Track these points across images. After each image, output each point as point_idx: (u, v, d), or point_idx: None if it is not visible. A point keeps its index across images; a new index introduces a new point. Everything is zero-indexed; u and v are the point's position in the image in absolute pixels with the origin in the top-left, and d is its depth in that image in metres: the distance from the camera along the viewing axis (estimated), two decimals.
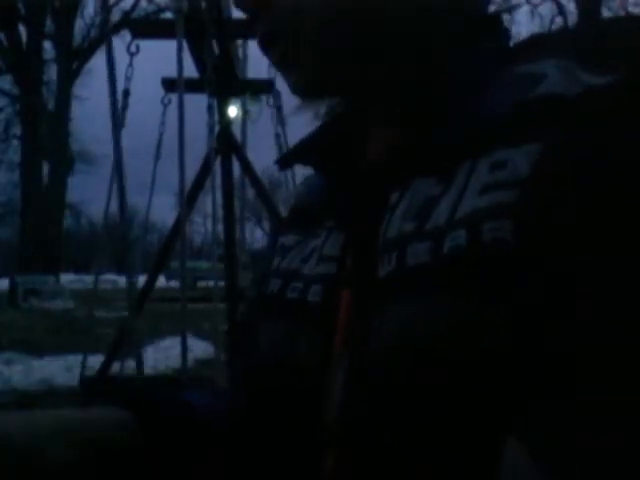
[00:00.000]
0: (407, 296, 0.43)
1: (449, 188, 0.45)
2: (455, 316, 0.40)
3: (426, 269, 0.43)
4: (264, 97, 5.45)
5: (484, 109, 0.45)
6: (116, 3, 22.61)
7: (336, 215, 0.56)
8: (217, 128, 4.79)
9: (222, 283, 5.79)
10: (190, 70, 4.63)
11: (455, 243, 0.42)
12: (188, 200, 4.66)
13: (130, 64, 4.23)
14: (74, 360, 6.90)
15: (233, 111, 5.29)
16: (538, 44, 0.48)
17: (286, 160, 0.60)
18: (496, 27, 0.53)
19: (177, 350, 8.16)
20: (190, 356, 7.78)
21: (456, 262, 0.41)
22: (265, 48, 0.52)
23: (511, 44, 0.53)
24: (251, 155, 5.57)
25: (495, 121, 0.44)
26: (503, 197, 0.41)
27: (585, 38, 0.46)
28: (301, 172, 0.69)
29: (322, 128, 0.60)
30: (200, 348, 7.60)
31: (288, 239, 0.62)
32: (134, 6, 22.33)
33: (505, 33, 0.54)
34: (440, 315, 0.40)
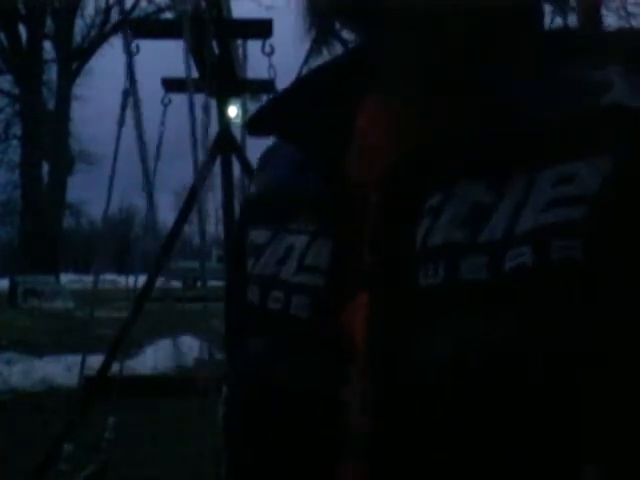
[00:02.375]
0: (463, 312, 0.39)
1: (502, 198, 0.41)
2: (522, 336, 0.37)
3: (485, 286, 0.39)
4: (264, 97, 5.44)
5: (539, 114, 0.41)
6: (116, 3, 22.66)
7: (325, 216, 0.49)
8: (213, 128, 4.79)
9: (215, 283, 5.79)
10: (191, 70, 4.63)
11: (520, 261, 0.38)
12: (188, 200, 4.66)
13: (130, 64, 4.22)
14: (74, 360, 6.90)
15: (233, 111, 5.28)
16: (599, 47, 0.44)
17: (258, 126, 0.52)
18: (535, 15, 0.48)
19: (176, 350, 8.16)
20: (189, 356, 7.81)
21: (521, 281, 0.38)
22: None
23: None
24: (251, 155, 5.56)
25: (556, 130, 0.40)
26: (571, 214, 0.38)
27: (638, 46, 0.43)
28: None
29: (296, 89, 0.52)
30: (199, 348, 7.60)
31: (260, 235, 0.53)
32: (134, 6, 22.34)
33: (542, 25, 0.49)
34: (505, 335, 0.37)
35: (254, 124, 0.52)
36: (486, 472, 0.37)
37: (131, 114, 4.14)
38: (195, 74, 4.61)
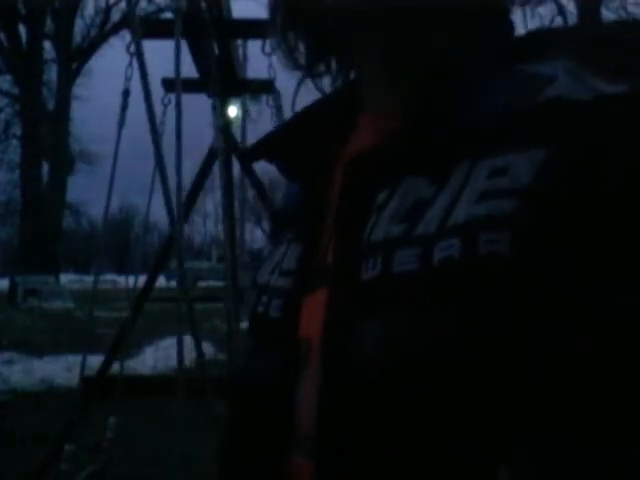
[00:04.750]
0: (392, 305, 0.40)
1: (442, 190, 0.42)
2: (444, 332, 0.37)
3: (414, 278, 0.40)
4: (264, 97, 5.44)
5: (486, 109, 0.42)
6: (116, 3, 22.65)
7: (300, 220, 0.53)
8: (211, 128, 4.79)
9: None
10: (190, 70, 4.62)
11: (447, 254, 0.39)
12: (187, 200, 4.66)
13: (130, 64, 4.22)
14: (74, 360, 6.91)
15: (233, 111, 5.28)
16: (543, 42, 0.45)
17: (253, 154, 0.56)
18: (499, 18, 0.50)
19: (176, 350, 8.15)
20: (189, 356, 7.81)
21: (447, 275, 0.38)
22: None
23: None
24: None
25: (497, 122, 0.41)
26: (502, 206, 0.38)
27: (593, 40, 0.44)
28: None
29: (295, 120, 0.56)
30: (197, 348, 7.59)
31: (266, 250, 0.59)
32: (134, 5, 22.24)
33: (509, 25, 0.50)
34: (430, 330, 0.38)
35: (253, 153, 0.56)
36: (425, 468, 0.38)
37: (130, 114, 4.14)
38: (193, 74, 4.61)
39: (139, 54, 2.61)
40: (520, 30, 0.50)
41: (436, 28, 0.47)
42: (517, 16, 0.50)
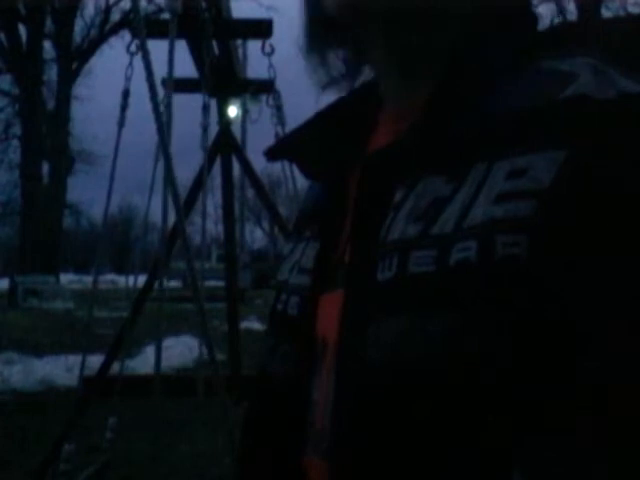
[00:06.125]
0: (408, 307, 0.39)
1: (459, 190, 0.41)
2: (458, 336, 0.37)
3: (430, 279, 0.39)
4: (264, 97, 5.44)
5: (505, 107, 0.41)
6: (116, 3, 22.64)
7: (319, 219, 0.53)
8: (213, 128, 4.79)
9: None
10: (190, 70, 4.62)
11: (463, 255, 0.38)
12: (187, 201, 4.66)
13: (130, 64, 4.22)
14: (74, 360, 6.90)
15: (233, 111, 5.28)
16: (565, 37, 0.44)
17: (275, 152, 0.56)
18: (518, 14, 0.48)
19: (177, 350, 8.14)
20: (189, 356, 7.81)
21: (463, 277, 0.38)
22: None
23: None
24: (251, 155, 5.56)
25: (516, 121, 0.40)
26: (520, 209, 0.37)
27: (620, 38, 0.43)
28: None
29: (316, 119, 0.55)
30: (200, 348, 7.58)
31: (286, 248, 0.59)
32: (135, 5, 22.22)
33: (531, 21, 0.49)
34: (442, 334, 0.37)
35: (272, 152, 0.56)
36: (437, 471, 0.38)
37: (130, 114, 4.14)
38: (190, 73, 4.61)
39: (145, 53, 2.61)
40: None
41: (440, 28, 0.46)
42: None
